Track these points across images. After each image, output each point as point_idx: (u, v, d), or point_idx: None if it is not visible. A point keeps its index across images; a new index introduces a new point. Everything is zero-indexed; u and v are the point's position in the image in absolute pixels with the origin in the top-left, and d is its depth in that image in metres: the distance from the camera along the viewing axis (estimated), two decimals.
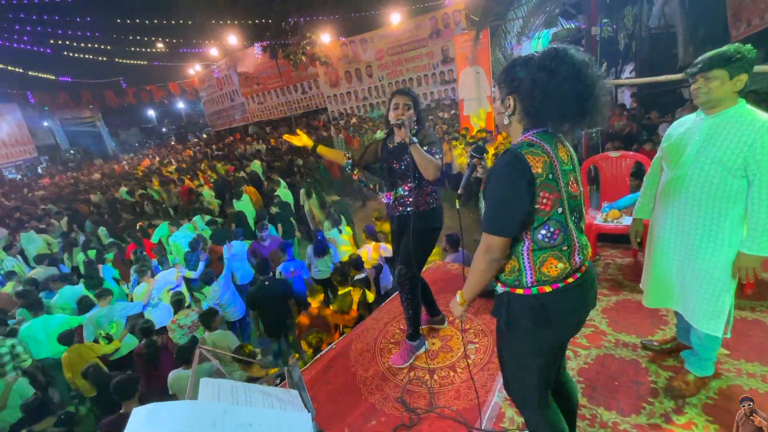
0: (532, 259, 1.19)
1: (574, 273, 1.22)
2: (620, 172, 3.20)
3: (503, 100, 1.23)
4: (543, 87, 1.10)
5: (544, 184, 1.12)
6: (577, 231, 1.24)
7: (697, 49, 6.10)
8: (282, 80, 16.91)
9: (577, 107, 1.11)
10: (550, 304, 1.20)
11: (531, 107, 1.15)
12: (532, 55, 1.16)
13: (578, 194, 1.24)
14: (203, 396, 0.73)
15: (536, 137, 1.17)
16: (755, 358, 1.95)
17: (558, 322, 1.23)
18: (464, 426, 1.88)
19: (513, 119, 1.23)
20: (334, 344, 2.72)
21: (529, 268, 1.20)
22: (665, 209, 1.79)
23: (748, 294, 2.40)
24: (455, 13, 12.07)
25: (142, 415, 0.62)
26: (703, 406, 1.75)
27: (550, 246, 1.18)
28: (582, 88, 1.09)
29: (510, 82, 1.20)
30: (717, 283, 1.65)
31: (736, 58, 1.50)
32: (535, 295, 1.20)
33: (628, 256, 3.09)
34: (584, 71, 1.10)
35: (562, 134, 1.24)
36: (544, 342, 1.26)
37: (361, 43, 14.34)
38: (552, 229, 1.17)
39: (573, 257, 1.21)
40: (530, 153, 1.13)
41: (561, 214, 1.17)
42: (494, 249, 1.19)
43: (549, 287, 1.19)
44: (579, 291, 1.23)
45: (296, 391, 0.85)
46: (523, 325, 1.24)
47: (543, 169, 1.12)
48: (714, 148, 1.58)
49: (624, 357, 2.12)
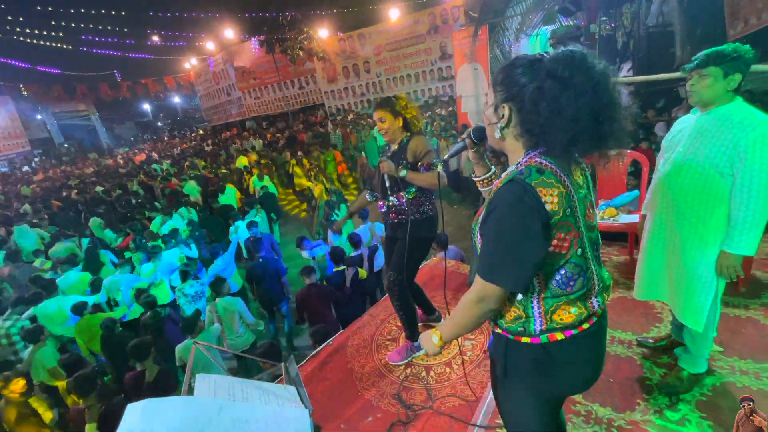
0: (542, 307, 1.00)
1: (590, 317, 1.03)
2: (617, 170, 3.20)
3: (497, 108, 0.99)
4: (552, 100, 0.87)
5: (560, 223, 0.91)
6: (597, 266, 1.05)
7: (694, 47, 6.11)
8: (279, 75, 16.81)
9: (592, 130, 0.88)
10: (559, 355, 1.02)
11: (533, 123, 0.92)
12: (540, 56, 0.93)
13: (595, 222, 1.04)
14: (199, 392, 0.72)
15: (545, 160, 0.93)
16: (748, 355, 1.96)
17: (564, 375, 1.05)
18: (460, 422, 1.89)
19: (507, 133, 1.00)
20: (331, 340, 2.72)
21: (539, 317, 1.00)
22: (656, 205, 1.82)
23: (741, 292, 2.42)
24: (454, 9, 12.03)
25: (137, 412, 0.61)
26: (697, 402, 1.77)
27: (566, 293, 0.99)
28: (600, 107, 0.87)
29: (508, 85, 0.95)
30: (701, 280, 1.66)
31: (732, 57, 1.49)
32: (543, 344, 1.01)
33: (624, 254, 3.11)
34: (604, 84, 0.88)
35: (569, 159, 0.98)
36: (546, 393, 1.10)
37: (359, 39, 14.27)
38: (569, 275, 0.97)
39: (590, 300, 1.03)
40: (542, 184, 0.90)
41: (580, 256, 0.98)
42: (491, 300, 0.98)
43: (561, 335, 1.00)
44: (593, 340, 1.05)
45: (293, 387, 0.84)
46: (524, 373, 1.07)
47: (559, 205, 0.90)
48: (703, 146, 1.58)
49: (619, 354, 2.13)
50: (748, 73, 1.53)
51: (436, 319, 2.62)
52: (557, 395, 1.14)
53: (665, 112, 6.71)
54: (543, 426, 1.15)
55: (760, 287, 2.45)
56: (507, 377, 1.10)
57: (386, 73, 14.14)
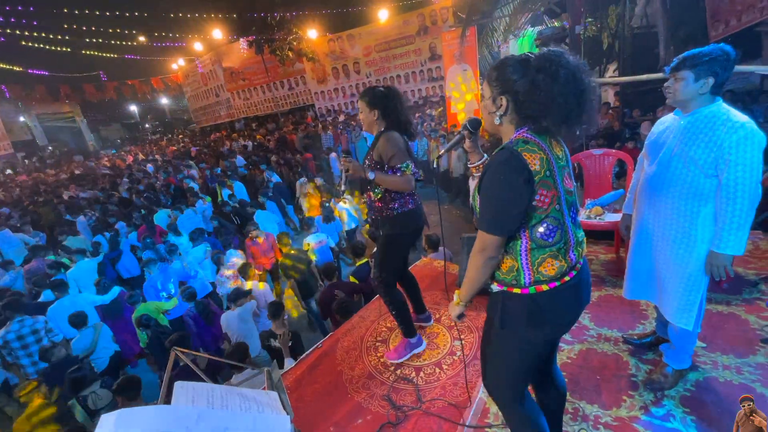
0: (530, 259, 1.19)
1: (570, 271, 1.22)
2: (603, 169, 3.25)
3: (494, 99, 1.21)
4: (546, 91, 1.10)
5: (542, 181, 1.12)
6: (574, 226, 1.24)
7: (678, 48, 6.23)
8: (268, 76, 16.67)
9: (577, 112, 1.12)
10: (546, 305, 1.21)
11: (532, 109, 1.14)
12: (527, 56, 1.15)
13: (573, 189, 1.24)
14: (177, 400, 0.70)
15: (530, 134, 1.16)
16: (730, 351, 2.00)
17: (552, 322, 1.24)
18: (450, 422, 1.89)
19: (504, 119, 1.22)
20: (321, 343, 2.71)
21: (527, 268, 1.20)
22: (643, 205, 1.84)
23: (723, 288, 2.46)
24: (443, 10, 12.08)
25: (111, 422, 0.60)
26: (681, 398, 1.79)
27: (549, 244, 1.18)
28: (579, 93, 1.11)
29: (503, 81, 1.17)
30: (689, 279, 1.69)
31: (703, 60, 1.53)
32: (531, 294, 1.20)
33: (611, 252, 3.15)
34: (579, 75, 1.11)
35: (560, 135, 1.22)
36: (536, 341, 1.27)
37: (349, 40, 14.23)
38: (550, 227, 1.17)
39: (568, 254, 1.21)
40: (526, 150, 1.12)
41: (558, 211, 1.17)
42: (491, 248, 1.18)
43: (546, 286, 1.19)
44: (574, 291, 1.24)
45: (275, 393, 0.83)
46: (517, 324, 1.24)
47: (540, 166, 1.11)
48: (688, 147, 1.61)
49: (606, 351, 2.16)
50: (727, 75, 1.55)
51: (425, 320, 2.62)
52: (545, 341, 1.31)
53: (650, 112, 6.82)
54: (523, 376, 1.35)
55: (741, 283, 2.50)
56: (503, 328, 1.28)
57: (376, 73, 14.13)
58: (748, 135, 1.48)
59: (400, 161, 1.99)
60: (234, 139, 15.43)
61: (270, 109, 17.73)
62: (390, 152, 1.98)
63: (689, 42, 6.61)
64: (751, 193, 1.50)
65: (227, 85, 18.03)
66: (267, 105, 17.72)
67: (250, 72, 17.13)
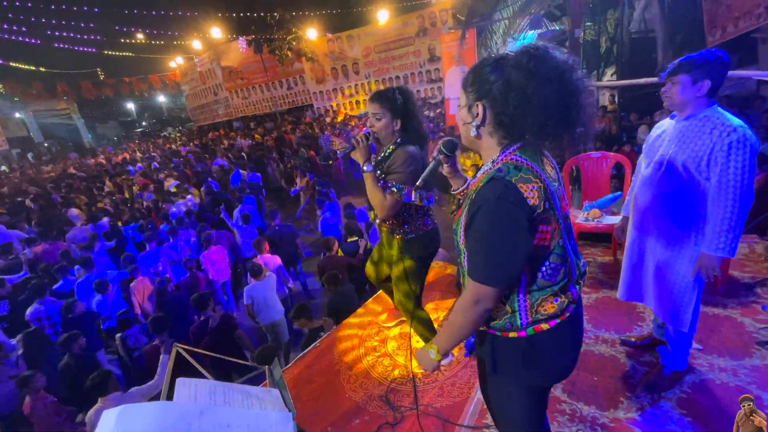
0: (529, 301, 1.03)
1: (570, 305, 1.07)
2: (601, 172, 3.26)
3: (470, 107, 1.02)
4: (520, 90, 0.92)
5: (543, 216, 0.94)
6: (575, 256, 1.10)
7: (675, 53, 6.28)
8: (267, 75, 16.65)
9: (561, 116, 0.93)
10: (545, 344, 1.06)
11: (504, 115, 0.96)
12: (505, 54, 0.98)
13: (568, 212, 1.10)
14: (179, 396, 0.70)
15: (521, 155, 0.97)
16: (726, 353, 2.02)
17: (551, 363, 1.09)
18: (447, 423, 1.89)
19: (483, 131, 1.03)
20: (318, 342, 2.70)
21: (524, 310, 1.04)
22: (638, 208, 1.86)
23: (719, 291, 2.48)
24: (442, 12, 12.11)
25: (112, 418, 0.59)
26: (678, 399, 1.80)
27: (551, 284, 1.03)
28: (566, 93, 0.92)
29: (479, 84, 0.99)
30: (683, 281, 1.71)
31: (699, 64, 1.55)
32: (530, 336, 1.05)
33: (608, 254, 3.17)
34: (568, 74, 0.93)
35: (545, 149, 1.06)
36: (532, 384, 1.13)
37: (348, 40, 14.24)
38: (553, 265, 1.01)
39: (569, 290, 1.07)
40: (521, 180, 0.93)
41: (561, 246, 1.02)
42: (487, 300, 0.99)
43: (546, 325, 1.04)
44: (572, 328, 1.09)
45: (277, 391, 0.83)
46: (511, 368, 1.10)
47: (539, 198, 0.93)
48: (682, 150, 1.63)
49: (603, 353, 2.16)
50: (722, 79, 1.57)
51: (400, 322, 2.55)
52: (544, 384, 1.17)
53: (648, 116, 6.87)
54: (532, 418, 1.18)
55: (737, 287, 2.52)
56: (496, 373, 1.13)
57: (375, 74, 14.14)
58: (740, 139, 1.49)
59: (398, 181, 1.74)
60: (231, 138, 15.39)
61: (268, 108, 17.70)
62: (399, 167, 1.75)
63: (686, 47, 6.66)
64: (743, 196, 1.51)
65: (226, 83, 17.99)
66: (265, 104, 17.69)
67: (249, 71, 17.10)
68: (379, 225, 2.02)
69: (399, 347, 2.50)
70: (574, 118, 0.94)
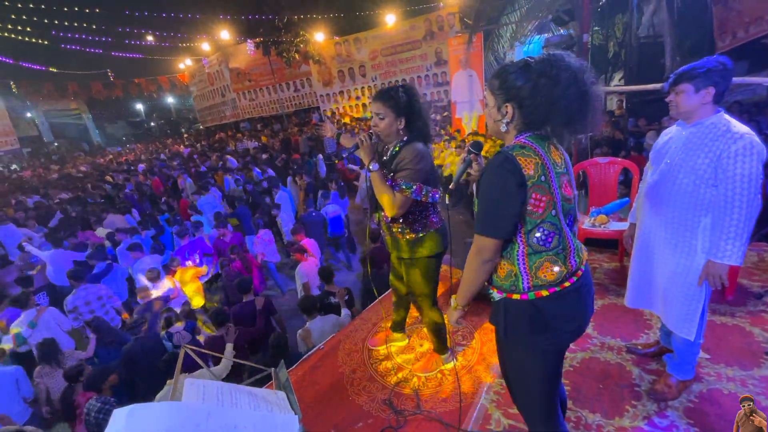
0: (527, 264, 1.19)
1: (570, 277, 1.21)
2: (608, 177, 3.24)
3: (499, 108, 1.21)
4: (547, 94, 1.10)
5: (536, 186, 1.12)
6: (572, 234, 1.24)
7: (683, 59, 6.24)
8: (274, 77, 16.76)
9: (581, 112, 1.12)
10: (548, 309, 1.19)
11: (534, 115, 1.14)
12: (527, 61, 1.15)
13: (572, 197, 1.24)
14: (187, 397, 0.71)
15: (528, 140, 1.17)
16: (734, 362, 1.99)
17: (556, 328, 1.21)
18: (450, 427, 1.88)
19: (510, 126, 1.21)
20: (323, 344, 2.70)
21: (525, 273, 1.19)
22: (645, 214, 1.85)
23: (728, 300, 2.45)
24: (449, 15, 12.13)
25: (122, 418, 0.60)
26: (685, 409, 1.78)
27: (545, 249, 1.17)
28: (581, 93, 1.11)
29: (507, 89, 1.17)
30: (690, 288, 1.69)
31: (700, 71, 1.55)
32: (531, 300, 1.19)
33: (615, 260, 3.14)
34: (581, 77, 1.10)
35: (562, 140, 1.22)
36: (543, 349, 1.24)
37: (355, 43, 14.30)
38: (546, 232, 1.16)
39: (569, 260, 1.20)
40: (521, 155, 1.13)
41: (555, 217, 1.17)
42: (485, 250, 1.19)
43: (546, 291, 1.18)
44: (576, 296, 1.22)
45: (283, 393, 0.84)
46: (521, 332, 1.23)
47: (534, 171, 1.11)
48: (689, 157, 1.63)
49: (609, 360, 2.15)
50: (726, 85, 1.57)
51: (399, 339, 2.53)
52: (554, 348, 1.26)
53: (656, 121, 6.83)
54: (544, 384, 1.29)
55: (746, 295, 2.49)
56: (507, 337, 1.27)
57: (382, 77, 14.18)
58: (747, 146, 1.49)
59: (407, 179, 1.73)
60: (238, 140, 15.50)
61: (275, 110, 17.81)
62: (409, 164, 1.74)
63: (695, 53, 6.62)
64: (750, 203, 1.50)
65: (233, 85, 18.13)
66: (272, 106, 17.80)
67: (257, 73, 17.23)
68: (386, 228, 2.00)
69: (403, 350, 2.50)
70: (587, 113, 1.13)
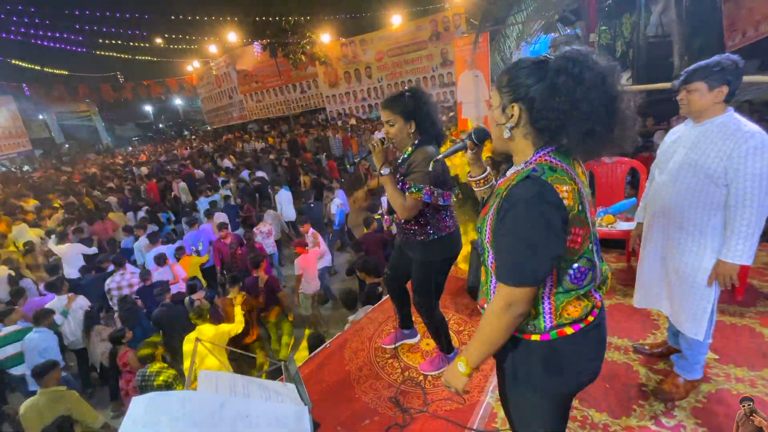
0: (553, 303, 1.01)
1: (593, 310, 1.04)
2: (615, 177, 3.23)
3: (504, 108, 1.01)
4: (568, 94, 0.90)
5: (576, 218, 0.94)
6: (599, 260, 1.08)
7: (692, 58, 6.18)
8: (281, 79, 16.92)
9: (606, 121, 0.92)
10: (568, 350, 1.02)
11: (548, 119, 0.94)
12: (545, 57, 0.97)
13: (595, 219, 1.12)
14: (202, 387, 0.74)
15: (555, 158, 0.97)
16: (744, 363, 1.98)
17: (575, 370, 1.05)
18: (457, 425, 1.89)
19: (516, 132, 1.01)
20: (329, 342, 2.73)
21: (549, 313, 1.01)
22: (653, 214, 1.84)
23: (738, 300, 2.43)
24: (455, 16, 12.14)
25: (142, 405, 0.63)
26: (692, 409, 1.78)
27: (577, 288, 1.00)
28: (609, 99, 0.92)
29: (515, 87, 0.98)
30: (699, 288, 1.68)
31: (714, 70, 1.54)
32: (552, 340, 1.01)
33: (622, 260, 3.13)
34: (609, 80, 0.92)
35: (580, 153, 1.03)
36: (558, 392, 1.08)
37: (361, 44, 14.37)
38: (582, 269, 1.00)
39: (594, 294, 1.06)
40: (557, 180, 0.92)
41: (590, 251, 1.00)
42: (521, 302, 0.95)
43: (570, 329, 1.01)
44: (597, 333, 1.06)
45: (293, 385, 0.86)
46: (534, 374, 1.06)
47: (573, 201, 0.93)
48: (698, 156, 1.62)
49: (616, 360, 2.14)
50: (738, 84, 1.56)
51: (410, 336, 2.53)
52: (567, 392, 1.11)
53: (664, 121, 6.76)
54: (555, 425, 1.13)
55: (756, 296, 2.46)
56: (517, 380, 1.10)
57: (388, 78, 14.24)
58: (758, 145, 1.48)
59: (416, 182, 1.74)
60: (245, 141, 15.64)
61: (282, 111, 17.97)
62: (418, 167, 1.74)
63: (704, 52, 6.54)
64: (761, 202, 1.50)
65: (240, 87, 18.33)
66: (279, 107, 17.96)
67: (263, 75, 17.40)
68: (400, 228, 2.01)
69: (409, 349, 2.52)
70: (614, 124, 0.94)
